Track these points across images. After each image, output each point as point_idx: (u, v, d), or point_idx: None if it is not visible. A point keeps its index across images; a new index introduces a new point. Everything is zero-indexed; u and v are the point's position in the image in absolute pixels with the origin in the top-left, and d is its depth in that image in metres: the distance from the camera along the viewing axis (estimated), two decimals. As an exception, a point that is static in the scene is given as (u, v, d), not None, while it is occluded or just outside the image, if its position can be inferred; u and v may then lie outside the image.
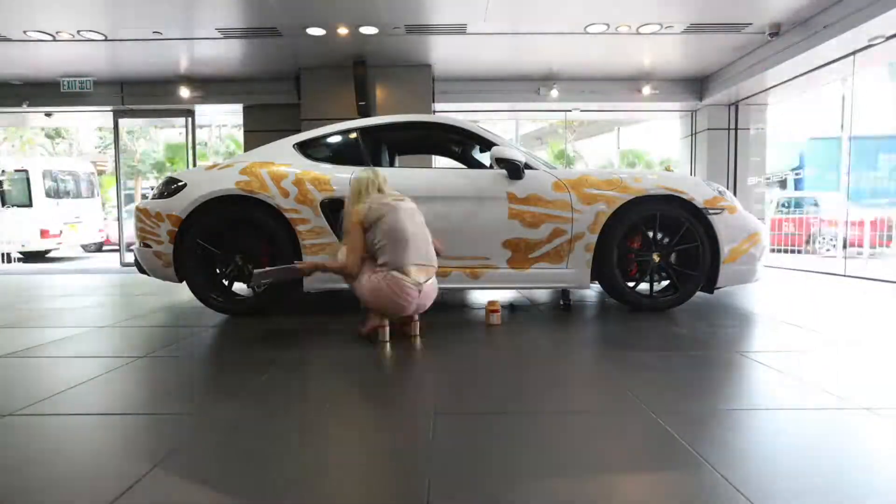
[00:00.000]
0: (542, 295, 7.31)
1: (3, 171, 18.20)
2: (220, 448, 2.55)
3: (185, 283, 6.01)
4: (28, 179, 18.27)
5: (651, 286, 6.14)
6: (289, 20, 10.36)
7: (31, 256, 18.35)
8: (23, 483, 2.21)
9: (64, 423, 2.85)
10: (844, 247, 13.29)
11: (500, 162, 5.81)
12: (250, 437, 2.67)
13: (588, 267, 5.86)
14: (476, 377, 3.72)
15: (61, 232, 18.49)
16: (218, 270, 6.10)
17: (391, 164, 7.74)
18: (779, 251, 15.90)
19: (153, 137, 41.61)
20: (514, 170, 5.79)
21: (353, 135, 6.36)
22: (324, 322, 5.63)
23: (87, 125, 31.59)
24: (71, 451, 2.54)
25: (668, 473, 2.25)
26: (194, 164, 15.37)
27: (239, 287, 6.42)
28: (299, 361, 4.21)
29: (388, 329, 4.73)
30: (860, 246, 14.37)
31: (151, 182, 38.76)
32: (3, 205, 17.98)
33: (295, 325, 5.45)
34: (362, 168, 5.27)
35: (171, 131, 37.64)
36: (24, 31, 10.67)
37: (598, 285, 6.20)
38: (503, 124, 17.59)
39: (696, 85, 14.44)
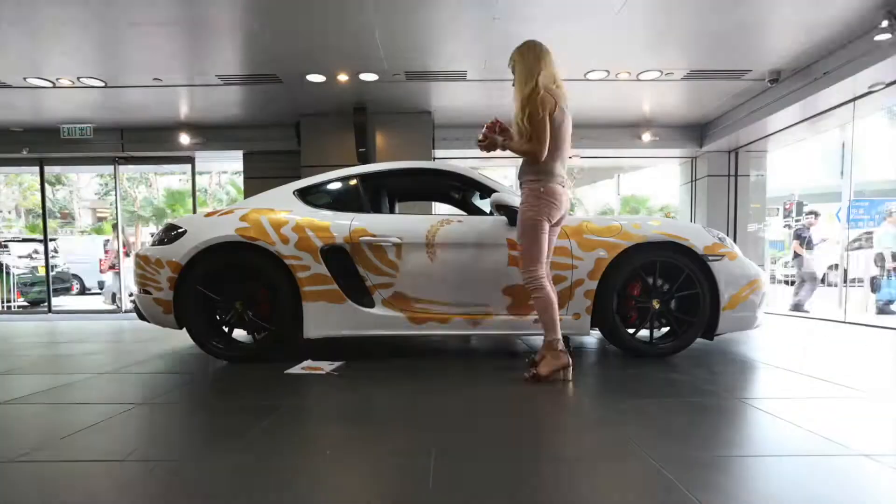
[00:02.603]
0: (541, 341, 7.29)
1: None
2: (219, 495, 2.52)
3: (184, 329, 5.99)
4: None
5: (651, 332, 6.11)
6: (289, 67, 10.45)
7: None
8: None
9: (63, 470, 2.83)
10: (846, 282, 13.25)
11: (500, 208, 5.81)
12: (250, 483, 2.64)
13: (588, 313, 5.84)
14: (476, 423, 3.69)
15: None
16: (218, 317, 6.09)
17: (391, 211, 7.76)
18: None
19: (154, 183, 41.83)
20: (514, 216, 5.78)
21: (353, 181, 6.39)
22: (323, 368, 5.60)
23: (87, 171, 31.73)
24: (70, 497, 2.51)
25: (673, 525, 2.23)
26: (195, 211, 15.42)
27: (239, 333, 6.41)
28: (300, 408, 4.18)
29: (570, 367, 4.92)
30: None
31: (152, 228, 38.93)
32: None
33: (295, 371, 5.41)
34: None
35: (170, 178, 37.87)
36: (24, 78, 10.75)
37: (598, 332, 6.18)
38: (503, 171, 17.63)
39: (696, 131, 14.53)
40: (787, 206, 19.97)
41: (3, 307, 17.63)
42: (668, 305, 6.03)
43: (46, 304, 16.23)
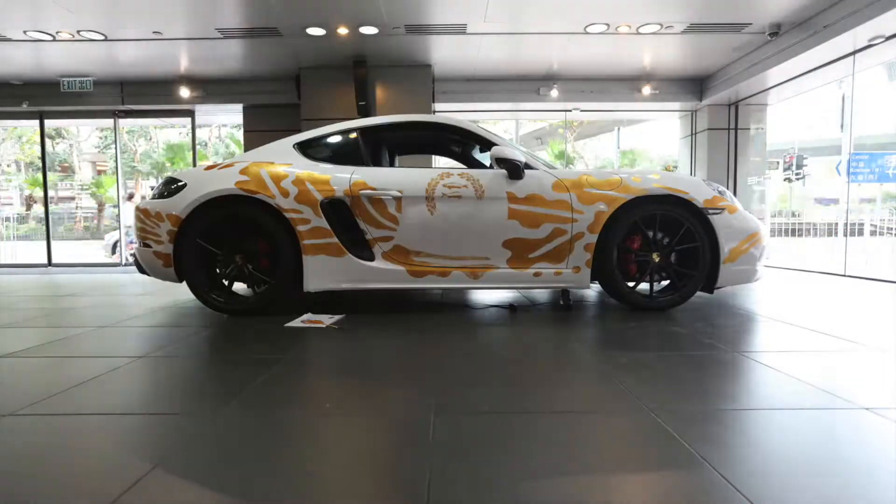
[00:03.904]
0: (541, 295, 7.31)
1: None
2: (219, 448, 2.54)
3: (185, 283, 6.01)
4: None
5: (651, 286, 6.14)
6: (289, 20, 10.38)
7: None
8: (23, 483, 2.21)
9: (64, 423, 2.85)
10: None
11: (500, 162, 5.82)
12: (250, 437, 2.66)
13: (588, 267, 5.86)
14: (476, 376, 3.72)
15: None
16: (218, 270, 6.11)
17: (391, 164, 7.76)
18: None
19: (154, 137, 41.71)
20: (514, 169, 5.80)
21: (354, 135, 6.38)
22: (323, 322, 5.62)
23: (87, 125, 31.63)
24: (71, 451, 2.53)
25: (668, 473, 2.25)
26: (195, 164, 15.41)
27: (239, 287, 6.43)
28: (300, 361, 4.20)
29: None
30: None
31: (152, 182, 38.85)
32: None
33: (296, 325, 5.44)
34: None
35: (170, 131, 37.74)
36: (24, 31, 10.70)
37: (598, 285, 6.21)
38: (503, 124, 17.59)
39: (696, 85, 14.47)
40: (787, 159, 19.89)
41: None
42: (668, 259, 6.05)
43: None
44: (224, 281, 6.19)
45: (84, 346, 4.70)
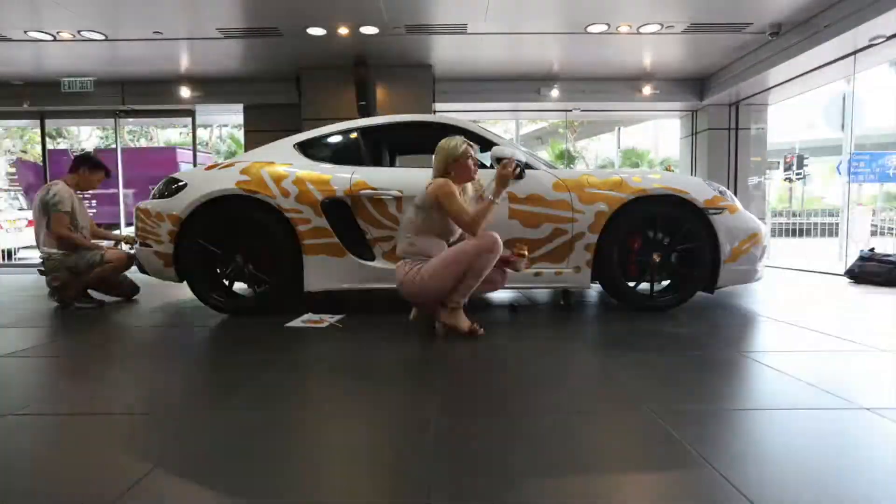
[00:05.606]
0: (542, 295, 7.31)
1: None
2: (219, 448, 2.54)
3: (185, 282, 6.01)
4: None
5: (651, 286, 6.14)
6: (289, 20, 10.36)
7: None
8: (22, 484, 2.21)
9: (64, 424, 2.85)
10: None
11: (500, 162, 5.80)
12: (249, 437, 2.66)
13: (588, 267, 5.85)
14: (477, 376, 3.72)
15: None
16: (218, 270, 6.10)
17: (392, 164, 7.76)
18: None
19: (154, 137, 41.73)
20: (514, 169, 5.79)
21: (354, 135, 6.38)
22: (324, 322, 5.61)
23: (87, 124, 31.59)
24: (71, 451, 2.54)
25: (669, 473, 2.25)
26: (195, 164, 15.39)
27: (239, 287, 6.43)
28: (300, 361, 4.21)
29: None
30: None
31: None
32: None
33: (296, 325, 5.43)
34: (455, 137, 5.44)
35: (170, 131, 37.72)
36: (25, 31, 10.67)
37: (599, 285, 6.20)
38: (504, 124, 17.57)
39: (696, 85, 14.44)
40: (788, 159, 19.88)
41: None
42: (668, 259, 6.04)
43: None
44: (224, 281, 6.19)
45: (83, 345, 4.70)
